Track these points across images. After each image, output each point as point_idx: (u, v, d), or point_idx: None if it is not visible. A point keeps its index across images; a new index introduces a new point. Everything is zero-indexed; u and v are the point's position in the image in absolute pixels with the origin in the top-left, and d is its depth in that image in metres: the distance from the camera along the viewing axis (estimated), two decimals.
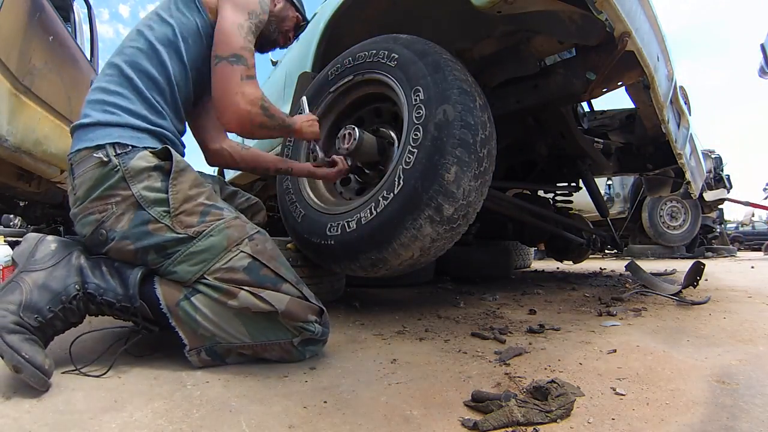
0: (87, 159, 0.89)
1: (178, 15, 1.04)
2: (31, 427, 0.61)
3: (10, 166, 2.24)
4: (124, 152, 0.89)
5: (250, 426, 0.62)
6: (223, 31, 1.02)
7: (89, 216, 0.89)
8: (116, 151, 0.89)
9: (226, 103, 1.00)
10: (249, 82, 1.00)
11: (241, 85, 0.99)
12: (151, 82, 0.98)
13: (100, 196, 0.88)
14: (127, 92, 0.95)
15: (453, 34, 1.50)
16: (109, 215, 0.88)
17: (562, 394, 0.66)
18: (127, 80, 0.96)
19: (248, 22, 1.04)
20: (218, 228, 0.90)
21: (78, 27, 3.06)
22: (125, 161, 0.88)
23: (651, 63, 1.25)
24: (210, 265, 0.87)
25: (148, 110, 0.97)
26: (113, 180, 0.88)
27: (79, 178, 0.90)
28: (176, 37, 1.02)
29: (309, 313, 0.89)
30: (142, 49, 0.99)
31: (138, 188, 0.88)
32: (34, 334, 0.76)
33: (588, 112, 2.62)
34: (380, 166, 1.32)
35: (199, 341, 0.86)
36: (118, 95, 0.95)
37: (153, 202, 0.88)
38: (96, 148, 0.89)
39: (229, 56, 0.99)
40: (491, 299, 1.74)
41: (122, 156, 0.89)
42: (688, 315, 1.41)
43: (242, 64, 1.00)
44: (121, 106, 0.94)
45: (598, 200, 2.49)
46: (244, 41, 1.02)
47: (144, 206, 0.88)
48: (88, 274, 0.87)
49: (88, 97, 0.97)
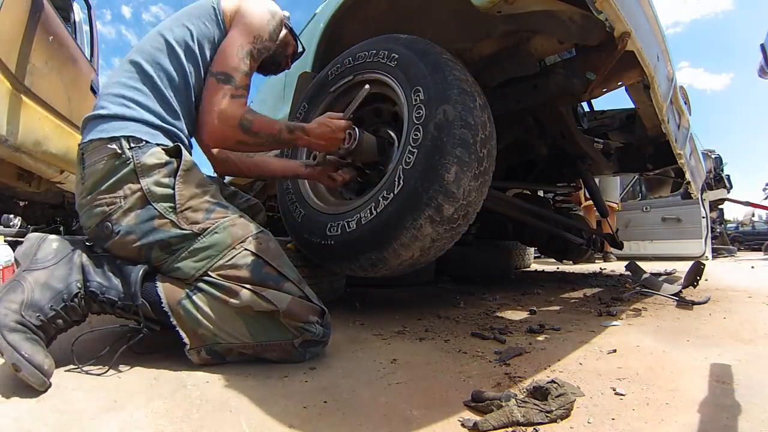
0: (100, 149, 0.90)
1: (199, 23, 1.06)
2: (31, 427, 0.61)
3: (10, 166, 2.24)
4: (138, 146, 0.90)
5: (250, 426, 0.62)
6: (223, 50, 1.06)
7: (96, 208, 0.90)
8: (130, 144, 0.90)
9: (203, 119, 1.04)
10: (232, 101, 1.03)
11: (221, 104, 1.02)
12: (169, 81, 1.00)
13: (109, 188, 0.89)
14: (146, 89, 0.97)
15: (453, 34, 1.49)
16: (117, 208, 0.88)
17: (562, 394, 0.66)
18: (147, 77, 0.98)
19: (250, 45, 1.07)
20: (223, 225, 0.91)
21: (78, 27, 3.06)
22: (138, 155, 0.89)
23: (651, 63, 1.25)
24: (214, 261, 0.88)
25: (165, 109, 0.98)
26: (124, 172, 0.89)
27: (90, 168, 0.90)
28: (194, 42, 1.04)
29: (310, 314, 0.89)
30: (162, 49, 1.01)
31: (147, 182, 0.89)
32: (35, 333, 0.76)
33: (588, 112, 2.62)
34: (380, 166, 1.32)
35: (200, 341, 0.86)
36: (137, 91, 0.96)
37: (160, 198, 0.89)
38: (110, 139, 0.90)
39: (218, 74, 1.04)
40: (491, 299, 1.74)
41: (135, 150, 0.90)
42: (688, 315, 1.41)
43: (230, 83, 1.03)
44: (139, 102, 0.95)
45: (597, 200, 2.49)
46: (239, 62, 1.05)
47: (151, 201, 0.89)
48: (90, 272, 0.87)
49: (104, 91, 0.99)
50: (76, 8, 3.10)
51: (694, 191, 2.29)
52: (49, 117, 2.27)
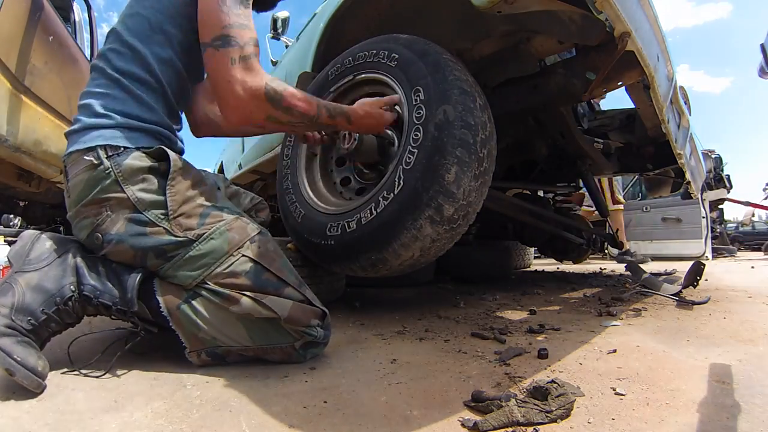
0: (78, 161, 0.86)
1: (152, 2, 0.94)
2: (31, 427, 0.61)
3: (10, 166, 2.24)
4: (116, 153, 0.85)
5: (250, 426, 0.62)
6: (204, 12, 0.89)
7: (84, 220, 0.87)
8: (108, 153, 0.85)
9: (222, 97, 0.88)
10: (244, 65, 0.86)
11: (234, 73, 0.85)
12: (138, 82, 0.92)
13: (93, 201, 0.85)
14: (117, 92, 0.90)
15: (453, 34, 1.49)
16: (104, 219, 0.85)
17: (562, 394, 0.66)
18: (114, 81, 0.91)
19: None
20: (219, 231, 0.87)
21: (78, 27, 3.06)
22: (117, 162, 0.85)
23: (651, 63, 1.25)
24: (211, 269, 0.85)
25: (140, 108, 0.91)
26: (106, 183, 0.84)
27: (72, 181, 0.87)
28: (153, 31, 0.93)
29: (312, 318, 0.88)
30: (122, 52, 0.92)
31: (133, 190, 0.85)
32: (27, 336, 0.75)
33: (588, 112, 2.62)
34: (380, 166, 1.32)
35: (200, 344, 0.85)
36: (108, 96, 0.90)
37: (150, 205, 0.85)
38: (87, 150, 0.85)
39: (213, 40, 0.87)
40: (491, 299, 1.74)
41: (114, 158, 0.85)
42: (688, 315, 1.41)
43: (231, 45, 0.86)
44: (112, 108, 0.89)
45: (597, 200, 2.49)
46: (229, 17, 0.87)
47: (140, 209, 0.85)
48: (85, 274, 0.84)
49: (78, 103, 0.93)
50: (76, 8, 3.10)
51: (694, 191, 2.29)
52: (49, 117, 2.27)
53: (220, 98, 0.89)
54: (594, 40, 1.22)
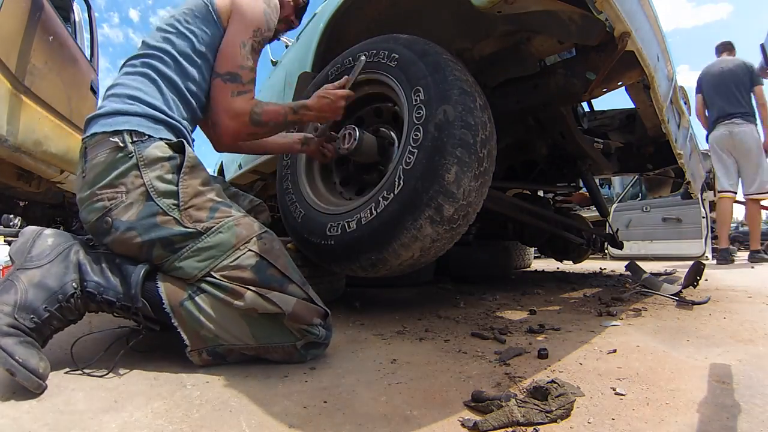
0: (102, 143, 0.89)
1: (197, 30, 1.07)
2: (31, 427, 0.61)
3: (10, 166, 2.24)
4: (140, 140, 0.90)
5: (250, 426, 0.62)
6: (225, 49, 1.07)
7: (97, 203, 0.88)
8: (133, 138, 0.90)
9: (216, 119, 1.07)
10: (240, 98, 1.06)
11: (230, 103, 1.05)
12: (172, 86, 1.02)
13: (110, 183, 0.87)
14: (149, 89, 0.98)
15: (453, 34, 1.50)
16: (117, 203, 0.87)
17: (562, 394, 0.66)
18: (150, 80, 0.99)
19: (251, 41, 1.08)
20: (227, 225, 0.90)
21: (78, 27, 3.06)
22: (140, 149, 0.89)
23: (651, 63, 1.25)
24: (217, 261, 0.86)
25: (167, 105, 1.00)
26: (126, 166, 0.88)
27: (91, 162, 0.89)
28: (196, 52, 1.06)
29: (314, 316, 0.88)
30: (165, 60, 1.02)
31: (150, 177, 0.88)
32: (30, 335, 0.75)
33: (588, 112, 2.62)
34: (380, 167, 1.32)
35: (202, 342, 0.85)
36: (139, 90, 0.97)
37: (162, 194, 0.88)
38: (113, 133, 0.89)
39: (225, 74, 1.06)
40: (491, 299, 1.74)
41: (138, 144, 0.89)
42: (688, 315, 1.41)
43: (236, 82, 1.06)
44: (141, 99, 0.96)
45: (597, 200, 2.49)
46: (244, 59, 1.07)
47: (153, 197, 0.87)
48: (88, 270, 0.85)
49: (106, 93, 0.99)
50: (76, 8, 3.10)
51: (694, 191, 2.29)
52: (49, 117, 2.27)
53: (216, 122, 1.08)
54: (594, 40, 1.22)
